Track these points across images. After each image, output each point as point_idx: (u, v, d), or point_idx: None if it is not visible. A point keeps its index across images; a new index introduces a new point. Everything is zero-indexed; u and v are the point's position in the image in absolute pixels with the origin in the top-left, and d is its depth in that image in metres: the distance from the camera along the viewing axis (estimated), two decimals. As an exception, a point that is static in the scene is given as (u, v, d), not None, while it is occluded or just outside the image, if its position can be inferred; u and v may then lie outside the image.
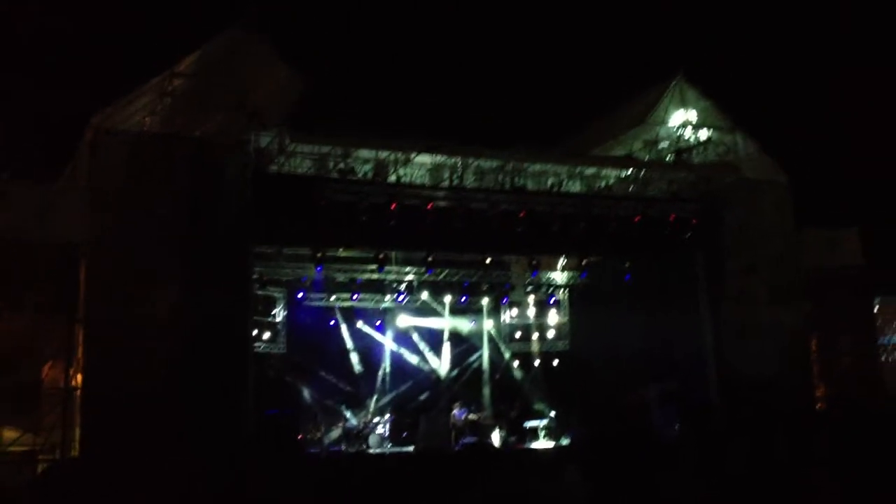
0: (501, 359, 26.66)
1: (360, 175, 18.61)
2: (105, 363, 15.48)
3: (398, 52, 32.17)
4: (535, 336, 26.97)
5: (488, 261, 22.98)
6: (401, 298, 24.73)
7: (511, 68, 34.34)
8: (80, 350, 15.91)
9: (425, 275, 23.45)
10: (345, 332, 24.76)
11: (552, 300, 26.49)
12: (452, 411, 23.18)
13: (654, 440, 19.94)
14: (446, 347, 26.04)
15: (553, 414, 24.22)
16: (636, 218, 20.29)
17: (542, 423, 23.79)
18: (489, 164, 19.70)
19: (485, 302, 26.33)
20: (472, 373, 26.19)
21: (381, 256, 20.72)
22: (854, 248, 23.09)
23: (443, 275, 24.36)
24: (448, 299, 25.33)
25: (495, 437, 22.92)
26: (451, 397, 24.75)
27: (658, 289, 22.02)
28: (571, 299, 26.92)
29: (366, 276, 23.42)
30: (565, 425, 23.73)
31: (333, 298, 24.20)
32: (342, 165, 18.31)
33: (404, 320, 25.60)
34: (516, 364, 26.70)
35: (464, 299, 25.32)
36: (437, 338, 26.04)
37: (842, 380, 22.45)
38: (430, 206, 18.78)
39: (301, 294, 23.49)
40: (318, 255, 19.84)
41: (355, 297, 24.05)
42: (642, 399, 21.92)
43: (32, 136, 22.53)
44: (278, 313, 23.86)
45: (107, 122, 16.25)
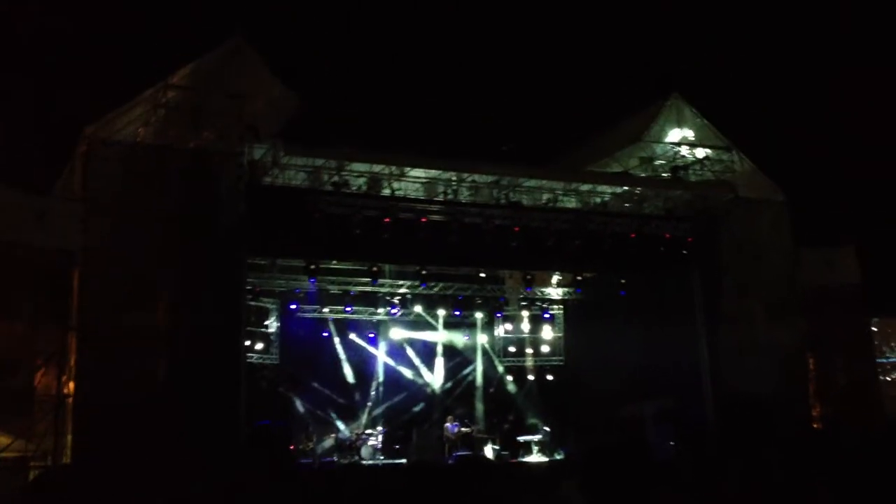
0: (495, 373, 26.61)
1: (354, 188, 18.64)
2: (98, 371, 15.50)
3: (394, 65, 32.23)
4: (529, 351, 26.93)
5: (482, 275, 22.96)
6: (394, 311, 24.73)
7: (508, 84, 34.38)
8: (73, 358, 15.92)
9: (419, 288, 23.46)
10: (338, 343, 24.69)
11: (547, 315, 26.47)
12: (445, 424, 23.17)
13: (649, 456, 19.84)
14: (439, 361, 25.99)
15: (547, 429, 24.16)
16: (631, 235, 20.30)
17: (536, 437, 23.77)
18: (484, 178, 19.72)
19: (479, 316, 26.29)
20: (466, 386, 26.14)
21: (374, 269, 20.76)
22: (851, 266, 23.04)
23: (436, 288, 24.35)
24: (442, 313, 25.30)
25: (488, 451, 22.89)
26: (444, 410, 24.73)
27: (654, 305, 21.98)
28: (566, 314, 26.90)
29: (359, 288, 23.48)
30: (559, 440, 23.70)
31: (327, 310, 24.17)
32: (336, 178, 18.34)
33: (398, 333, 25.56)
34: (510, 378, 26.65)
35: (457, 313, 25.30)
36: (431, 351, 25.99)
37: (839, 399, 22.39)
38: (424, 220, 18.81)
39: (294, 305, 23.49)
40: (312, 267, 19.88)
41: (348, 309, 24.04)
42: (638, 414, 21.85)
43: (27, 143, 22.49)
44: (271, 324, 23.83)
45: (101, 133, 16.31)
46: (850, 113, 29.05)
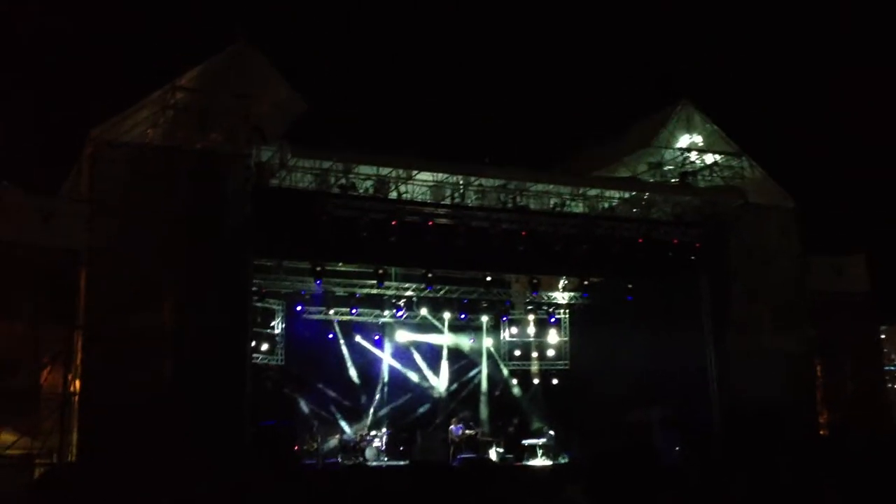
0: (500, 376, 26.58)
1: (361, 191, 18.61)
2: (103, 370, 15.56)
3: (403, 68, 32.29)
4: (534, 355, 26.87)
5: (489, 279, 22.90)
6: (400, 314, 24.70)
7: (517, 87, 34.41)
8: (80, 356, 15.96)
9: (425, 291, 23.46)
10: (343, 345, 24.69)
11: (553, 319, 26.40)
12: (450, 427, 23.14)
13: (656, 461, 19.76)
14: (445, 364, 25.95)
15: (552, 433, 24.11)
16: (639, 240, 20.22)
17: (541, 441, 23.72)
18: (491, 182, 19.65)
19: (484, 319, 26.28)
20: (471, 389, 26.12)
21: (380, 272, 20.72)
22: (861, 273, 22.96)
23: (442, 291, 24.35)
24: (447, 316, 25.27)
25: (492, 454, 22.84)
26: (448, 413, 24.70)
27: (661, 310, 21.91)
28: (572, 319, 26.84)
29: (365, 290, 23.48)
30: (564, 444, 23.64)
31: (332, 312, 24.20)
32: (343, 181, 18.32)
33: (403, 336, 25.54)
34: (515, 382, 26.60)
35: (463, 316, 25.27)
36: (436, 354, 25.96)
37: (846, 405, 22.29)
38: (430, 223, 18.76)
39: (300, 307, 23.51)
40: (318, 269, 19.87)
41: (354, 311, 24.02)
42: (644, 419, 21.78)
43: (34, 144, 22.60)
44: (277, 325, 23.84)
45: (107, 135, 16.37)
46: (861, 121, 28.96)
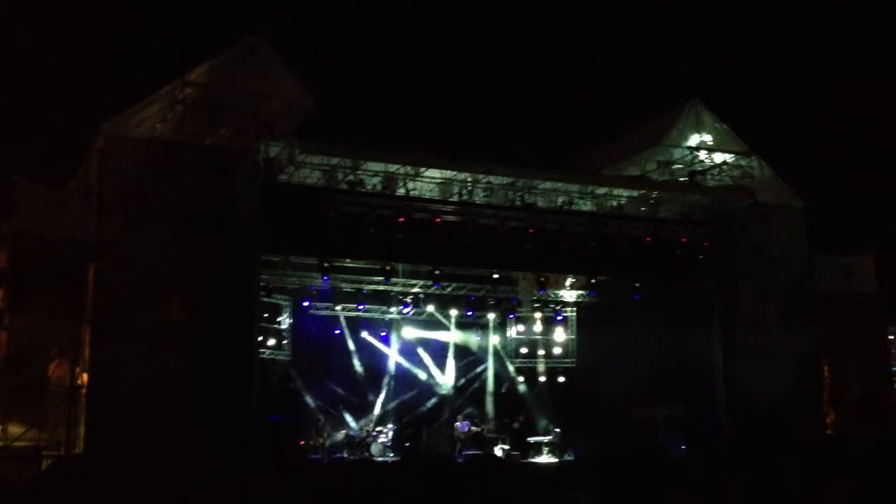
0: (506, 373, 26.55)
1: (369, 187, 18.63)
2: (111, 364, 15.61)
3: (412, 65, 32.27)
4: (541, 352, 26.84)
5: (496, 276, 22.93)
6: (407, 310, 24.71)
7: (527, 85, 34.37)
8: (87, 349, 16.02)
9: (432, 288, 23.44)
10: (350, 341, 24.71)
11: (559, 317, 26.40)
12: (456, 423, 23.19)
13: (661, 459, 19.77)
14: (451, 360, 25.95)
15: (557, 430, 24.12)
16: (647, 239, 20.20)
17: (546, 438, 23.74)
18: (499, 180, 19.65)
19: (491, 317, 26.26)
20: (477, 386, 26.11)
21: (387, 268, 20.75)
22: (869, 274, 22.87)
23: (449, 288, 24.33)
24: (454, 313, 25.27)
25: (498, 451, 22.88)
26: (454, 409, 24.74)
27: (668, 309, 21.87)
28: (579, 316, 26.81)
29: (372, 287, 23.47)
30: (569, 442, 23.64)
31: (339, 308, 24.20)
32: (351, 177, 18.34)
33: (410, 332, 25.56)
34: (521, 379, 26.58)
35: (470, 313, 25.28)
36: (443, 350, 25.95)
37: (853, 406, 22.23)
38: (438, 220, 18.79)
39: (307, 303, 23.53)
40: (325, 265, 19.93)
41: (361, 307, 24.06)
42: (650, 418, 21.77)
43: (44, 138, 22.68)
44: (284, 321, 23.85)
45: (117, 129, 16.41)
46: (871, 120, 28.87)
